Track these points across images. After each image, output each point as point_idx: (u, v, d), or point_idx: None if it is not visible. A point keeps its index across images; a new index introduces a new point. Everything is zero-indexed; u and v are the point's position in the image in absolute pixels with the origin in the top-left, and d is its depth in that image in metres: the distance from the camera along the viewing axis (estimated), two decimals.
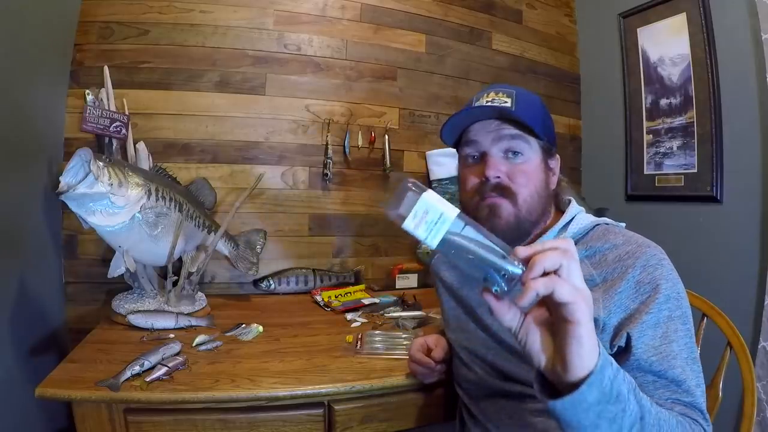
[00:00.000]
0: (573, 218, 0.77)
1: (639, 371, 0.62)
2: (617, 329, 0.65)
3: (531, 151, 0.74)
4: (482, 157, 0.75)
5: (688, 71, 1.65)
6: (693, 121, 1.64)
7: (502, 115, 0.73)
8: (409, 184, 0.50)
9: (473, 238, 0.46)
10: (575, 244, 0.71)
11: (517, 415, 0.73)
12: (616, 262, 0.68)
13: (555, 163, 0.79)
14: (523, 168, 0.73)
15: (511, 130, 0.73)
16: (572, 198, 0.82)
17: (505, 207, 0.72)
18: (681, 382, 0.62)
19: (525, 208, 0.72)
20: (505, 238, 0.68)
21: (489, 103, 0.74)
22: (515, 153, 0.73)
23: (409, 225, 0.47)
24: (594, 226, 0.75)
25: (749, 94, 1.46)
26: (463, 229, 0.47)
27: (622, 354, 0.65)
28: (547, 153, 0.77)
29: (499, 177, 0.72)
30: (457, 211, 0.48)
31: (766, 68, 1.38)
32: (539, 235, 0.77)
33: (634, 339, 0.63)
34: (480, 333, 0.80)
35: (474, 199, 0.75)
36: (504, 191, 0.72)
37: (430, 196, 0.49)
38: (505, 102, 0.74)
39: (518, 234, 0.74)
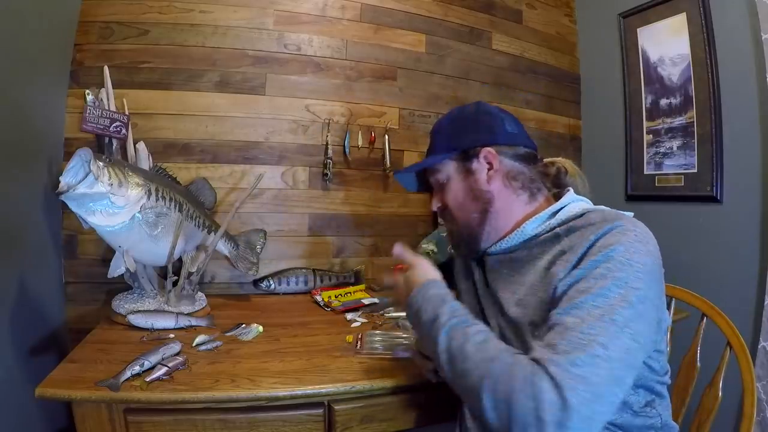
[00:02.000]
0: (565, 206, 0.79)
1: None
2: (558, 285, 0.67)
3: (445, 172, 0.87)
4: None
5: (688, 71, 1.65)
6: (693, 121, 1.64)
7: (417, 167, 0.92)
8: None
9: None
10: (560, 226, 0.76)
11: None
12: (585, 232, 0.69)
13: (480, 162, 0.83)
14: (446, 189, 0.87)
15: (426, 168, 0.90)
16: (571, 188, 0.85)
17: (448, 227, 0.91)
18: (554, 337, 0.58)
19: (459, 220, 0.85)
20: (457, 247, 0.91)
21: (403, 171, 0.97)
22: (439, 182, 0.88)
23: None
24: (584, 213, 0.76)
25: (749, 94, 1.46)
26: None
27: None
28: (464, 160, 0.84)
29: (438, 205, 0.89)
30: None
31: (766, 68, 1.38)
32: (521, 222, 0.80)
33: (558, 290, 0.64)
34: (479, 318, 0.83)
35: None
36: (444, 215, 0.89)
37: None
38: (429, 144, 0.91)
39: (466, 240, 0.85)
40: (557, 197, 0.84)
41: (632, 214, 0.78)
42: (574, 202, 0.79)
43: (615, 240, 0.65)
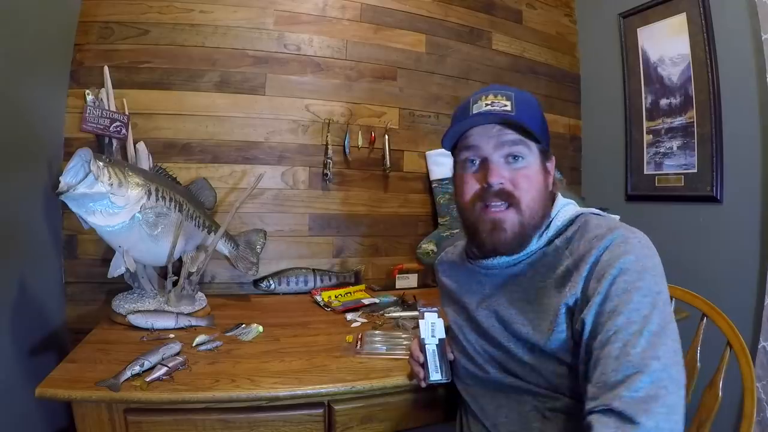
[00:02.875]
0: (557, 213, 0.77)
1: (587, 355, 0.61)
2: (578, 314, 0.64)
3: (531, 155, 0.73)
4: (483, 163, 0.74)
5: (688, 71, 1.65)
6: (693, 121, 1.64)
7: (504, 120, 0.72)
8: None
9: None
10: (558, 237, 0.73)
11: (515, 413, 0.73)
12: (585, 243, 0.67)
13: (551, 165, 0.79)
14: (525, 173, 0.73)
15: (513, 136, 0.72)
16: (559, 193, 0.81)
17: (509, 219, 0.72)
18: (604, 372, 0.56)
19: (528, 213, 0.72)
20: (510, 247, 0.73)
21: (488, 106, 0.73)
22: (516, 158, 0.73)
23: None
24: (576, 217, 0.75)
25: (749, 94, 1.46)
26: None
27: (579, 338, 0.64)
28: (545, 156, 0.77)
29: (502, 183, 0.72)
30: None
31: (766, 68, 1.38)
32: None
33: (586, 323, 0.62)
34: (475, 334, 0.82)
35: (476, 205, 0.75)
36: (507, 197, 0.72)
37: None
38: (505, 105, 0.73)
39: (521, 240, 0.74)
40: None
41: (618, 217, 0.78)
42: (563, 208, 0.78)
43: (621, 251, 0.63)
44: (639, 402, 0.52)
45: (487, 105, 0.73)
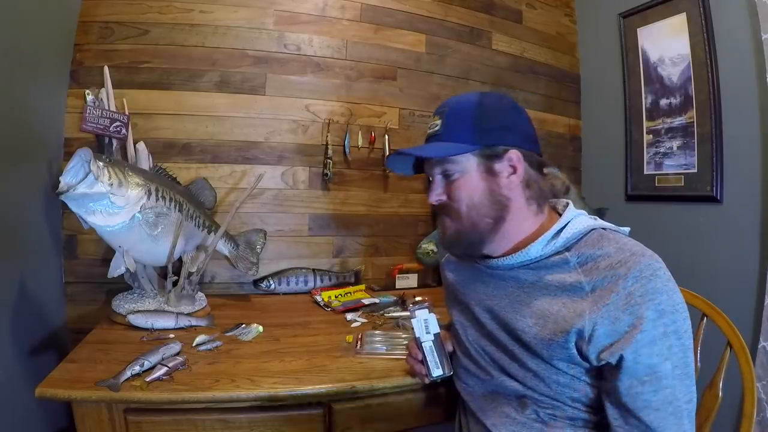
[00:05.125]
0: (568, 223, 0.75)
1: (630, 392, 0.64)
2: (607, 344, 0.64)
3: (462, 165, 0.76)
4: (429, 183, 0.82)
5: (688, 71, 1.65)
6: (693, 121, 1.64)
7: (424, 154, 0.79)
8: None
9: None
10: (568, 249, 0.72)
11: (515, 415, 0.73)
12: (608, 270, 0.66)
13: (503, 164, 0.75)
14: (457, 185, 0.76)
15: (438, 157, 0.78)
16: (570, 201, 0.80)
17: (447, 224, 0.80)
18: (652, 421, 0.63)
19: (467, 221, 0.76)
20: (453, 247, 0.82)
21: (430, 129, 0.80)
22: (447, 174, 0.77)
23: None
24: (589, 231, 0.73)
25: (749, 94, 1.46)
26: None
27: (611, 370, 0.64)
28: (488, 158, 0.74)
29: (439, 199, 0.79)
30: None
31: (766, 68, 1.38)
32: (528, 241, 0.75)
33: (627, 358, 0.63)
34: (477, 332, 0.82)
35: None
36: (445, 210, 0.79)
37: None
38: (436, 126, 0.78)
39: (467, 243, 0.78)
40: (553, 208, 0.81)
41: (628, 230, 0.77)
42: (576, 218, 0.76)
43: (654, 288, 0.64)
44: None
45: (429, 129, 0.80)
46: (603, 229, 0.75)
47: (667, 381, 0.63)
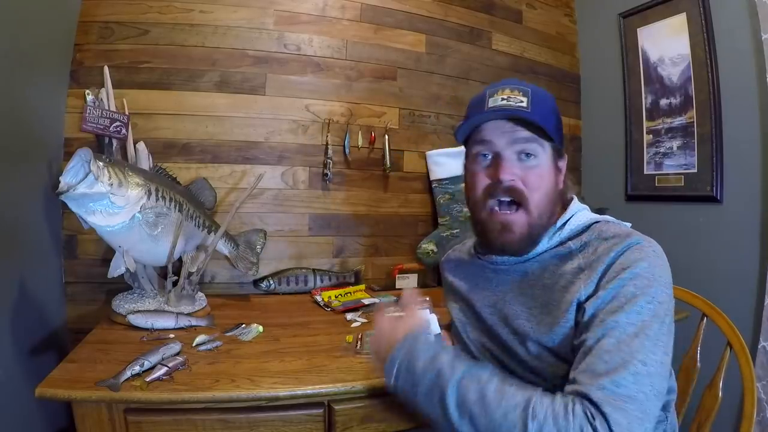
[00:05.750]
0: (572, 216, 0.77)
1: (579, 339, 0.63)
2: (586, 308, 0.65)
3: (544, 153, 0.74)
4: (495, 158, 0.74)
5: (688, 71, 1.65)
6: (693, 121, 1.64)
7: (518, 117, 0.72)
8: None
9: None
10: (570, 240, 0.73)
11: None
12: (604, 251, 0.68)
13: (563, 164, 0.79)
14: (537, 171, 0.73)
15: (526, 133, 0.72)
16: (575, 195, 0.82)
17: (518, 221, 0.72)
18: (593, 362, 0.58)
19: (536, 212, 0.73)
20: (518, 247, 0.73)
21: (504, 101, 0.73)
22: (528, 155, 0.73)
23: None
24: (592, 223, 0.75)
25: (749, 94, 1.46)
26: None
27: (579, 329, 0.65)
28: (558, 154, 0.77)
29: (513, 180, 0.72)
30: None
31: (766, 68, 1.38)
32: None
33: (587, 312, 0.63)
34: (478, 329, 0.82)
35: (486, 203, 0.75)
36: (516, 194, 0.72)
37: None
38: (521, 102, 0.72)
39: (530, 241, 0.74)
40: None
41: (630, 224, 0.78)
42: (579, 212, 0.78)
43: (637, 257, 0.65)
44: (618, 398, 0.54)
45: (503, 99, 0.73)
46: (606, 221, 0.76)
47: (613, 332, 0.59)
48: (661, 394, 0.58)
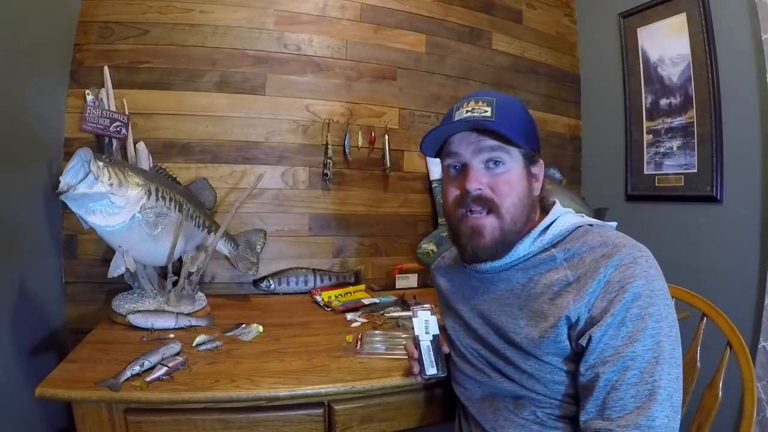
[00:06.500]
0: (555, 221, 0.76)
1: (593, 372, 0.63)
2: (583, 329, 0.64)
3: (512, 160, 0.74)
4: (462, 169, 0.75)
5: (688, 71, 1.65)
6: (693, 121, 1.64)
7: (480, 126, 0.72)
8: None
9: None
10: (554, 246, 0.73)
11: (513, 418, 0.73)
12: (592, 263, 0.67)
13: (538, 169, 0.77)
14: (504, 178, 0.73)
15: (491, 142, 0.72)
16: (557, 200, 0.81)
17: (489, 225, 0.73)
18: (621, 397, 0.59)
19: (509, 218, 0.73)
20: (490, 252, 0.73)
21: (468, 113, 0.73)
22: (497, 163, 0.73)
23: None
24: (575, 228, 0.74)
25: (749, 94, 1.46)
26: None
27: (581, 353, 0.65)
28: (529, 160, 0.76)
29: (480, 189, 0.73)
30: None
31: (766, 68, 1.38)
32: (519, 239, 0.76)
33: (594, 340, 0.62)
34: (470, 337, 0.82)
35: (457, 211, 0.76)
36: (486, 203, 0.73)
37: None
38: (485, 111, 0.73)
39: (502, 247, 0.74)
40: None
41: (615, 224, 0.77)
42: (562, 216, 0.77)
43: (632, 272, 0.64)
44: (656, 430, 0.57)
45: (467, 112, 0.74)
46: (589, 225, 0.75)
47: (634, 363, 0.60)
48: (679, 407, 0.60)
